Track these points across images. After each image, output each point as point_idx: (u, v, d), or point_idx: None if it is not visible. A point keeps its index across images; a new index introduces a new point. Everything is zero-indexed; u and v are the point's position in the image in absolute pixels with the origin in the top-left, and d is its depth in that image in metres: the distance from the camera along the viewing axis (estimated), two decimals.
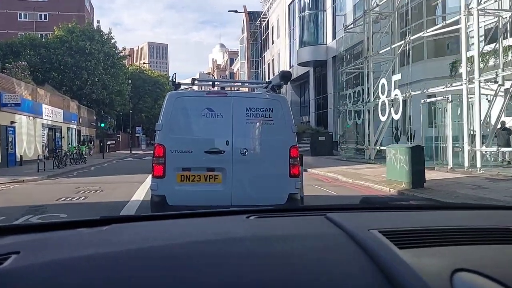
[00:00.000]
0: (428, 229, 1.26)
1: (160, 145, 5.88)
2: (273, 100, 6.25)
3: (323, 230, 1.27)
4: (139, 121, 72.55)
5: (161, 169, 5.85)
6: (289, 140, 6.10)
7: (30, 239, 1.26)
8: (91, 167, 25.30)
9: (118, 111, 54.29)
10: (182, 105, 6.07)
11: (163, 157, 5.84)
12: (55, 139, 33.05)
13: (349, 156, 24.46)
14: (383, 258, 0.97)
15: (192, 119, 6.11)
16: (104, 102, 48.31)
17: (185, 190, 5.88)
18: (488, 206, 2.39)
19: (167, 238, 1.24)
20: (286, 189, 6.02)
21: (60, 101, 34.97)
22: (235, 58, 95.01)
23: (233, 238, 1.22)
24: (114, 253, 1.09)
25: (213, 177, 5.92)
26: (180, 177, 5.89)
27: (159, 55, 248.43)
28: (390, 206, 1.94)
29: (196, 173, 5.91)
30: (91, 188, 13.39)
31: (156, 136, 6.06)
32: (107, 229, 1.34)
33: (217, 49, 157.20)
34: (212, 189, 5.90)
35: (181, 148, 5.91)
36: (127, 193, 11.53)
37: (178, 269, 0.99)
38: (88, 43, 45.23)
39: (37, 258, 1.06)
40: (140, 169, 21.01)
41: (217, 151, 5.89)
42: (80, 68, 45.04)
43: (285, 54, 48.50)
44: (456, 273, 0.90)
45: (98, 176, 18.06)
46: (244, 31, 69.22)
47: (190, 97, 6.42)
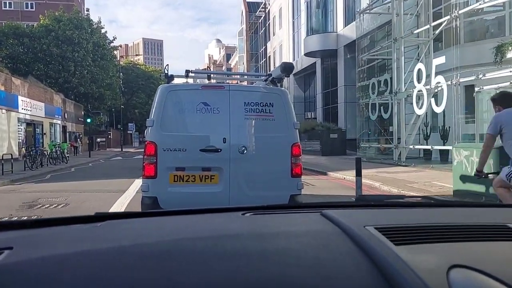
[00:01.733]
0: (424, 226, 1.25)
1: (151, 143, 5.52)
2: (274, 94, 5.90)
3: (319, 227, 1.27)
4: (132, 117, 69.33)
5: (152, 169, 5.50)
6: (291, 137, 5.79)
7: (23, 235, 1.25)
8: (72, 168, 21.91)
9: (109, 106, 50.58)
10: (175, 99, 5.70)
11: (154, 155, 5.49)
12: (35, 136, 29.53)
13: (370, 156, 21.12)
14: (379, 255, 0.97)
15: (186, 114, 5.73)
16: (93, 96, 44.78)
17: (179, 192, 5.54)
18: (483, 204, 2.11)
19: (162, 235, 1.23)
20: (288, 189, 5.71)
21: (41, 93, 31.32)
22: (232, 53, 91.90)
23: (228, 235, 1.21)
24: (108, 249, 1.08)
25: (209, 178, 5.62)
26: (173, 178, 5.56)
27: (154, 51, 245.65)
28: (386, 203, 1.91)
29: (190, 173, 5.60)
30: (54, 201, 10.00)
31: (147, 133, 5.73)
32: (101, 225, 1.32)
33: (213, 44, 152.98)
34: (208, 190, 5.60)
35: (174, 146, 5.58)
36: (98, 209, 8.14)
37: (172, 265, 0.98)
38: (76, 33, 41.80)
39: (30, 253, 1.04)
40: (126, 171, 18.06)
41: (213, 149, 5.59)
42: (67, 59, 41.65)
43: (288, 46, 45.18)
44: (451, 269, 0.91)
45: (73, 181, 14.67)
46: (243, 22, 65.56)
47: (184, 90, 5.92)
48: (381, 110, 20.11)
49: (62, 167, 21.89)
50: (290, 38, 44.41)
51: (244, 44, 65.03)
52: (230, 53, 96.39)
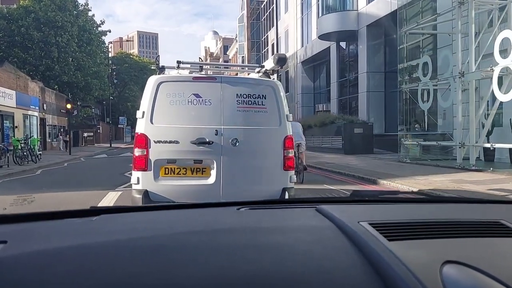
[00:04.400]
0: (418, 222, 1.25)
1: (142, 135, 5.40)
2: (266, 86, 5.76)
3: (313, 222, 1.28)
4: (125, 110, 64.72)
5: (143, 161, 5.37)
6: (283, 130, 5.69)
7: (18, 228, 1.23)
8: (39, 170, 17.43)
9: (96, 97, 45.79)
10: (165, 91, 5.49)
11: (145, 147, 5.38)
12: (3, 130, 24.93)
13: (414, 156, 16.70)
14: (372, 250, 0.98)
15: (177, 106, 5.49)
16: (79, 85, 40.04)
17: (170, 184, 5.44)
18: (477, 200, 1.98)
19: (157, 229, 1.23)
20: (280, 182, 5.63)
21: (11, 79, 26.47)
22: (229, 45, 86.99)
23: (223, 229, 1.21)
24: (103, 243, 1.08)
25: (200, 170, 5.52)
26: (164, 170, 5.45)
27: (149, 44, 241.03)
28: (380, 198, 1.91)
29: (182, 165, 5.49)
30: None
31: (137, 125, 5.53)
32: (96, 219, 1.32)
33: (210, 36, 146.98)
34: (199, 182, 5.50)
35: (165, 138, 5.43)
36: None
37: (167, 259, 0.98)
38: (60, 15, 37.10)
39: (25, 247, 1.04)
40: (104, 176, 14.05)
41: (205, 141, 5.46)
42: (49, 44, 36.98)
43: (295, 31, 40.70)
44: (444, 265, 0.91)
45: (23, 194, 10.16)
46: (244, 7, 60.74)
47: (175, 82, 5.71)
48: (436, 97, 15.65)
49: (26, 168, 17.38)
50: (298, 22, 39.91)
51: (245, 31, 60.19)
52: (227, 45, 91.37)
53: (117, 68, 68.74)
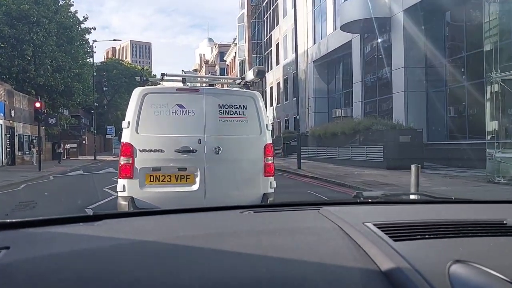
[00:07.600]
0: (423, 222, 1.24)
1: (128, 144, 5.52)
2: (247, 97, 6.00)
3: (317, 224, 1.26)
4: (114, 120, 59.41)
5: (128, 169, 5.51)
6: (264, 138, 5.91)
7: (21, 234, 1.22)
8: None
9: (79, 104, 40.36)
10: (150, 102, 5.65)
11: (130, 156, 5.50)
12: None
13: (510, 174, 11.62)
14: (378, 251, 0.97)
15: (162, 116, 5.66)
16: (57, 89, 34.76)
17: (155, 191, 5.57)
18: (480, 200, 1.96)
19: (160, 233, 1.22)
20: (261, 188, 5.85)
21: None
22: (225, 51, 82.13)
23: (227, 233, 1.20)
24: (106, 248, 1.07)
25: (184, 177, 5.67)
26: (149, 178, 5.59)
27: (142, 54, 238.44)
28: (384, 200, 1.87)
29: (166, 173, 5.63)
30: None
31: (123, 135, 5.63)
32: (99, 224, 1.31)
33: (204, 43, 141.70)
34: (184, 189, 5.64)
35: (150, 147, 5.58)
36: None
37: (171, 263, 0.98)
38: (35, 8, 32.03)
39: (28, 253, 1.03)
40: (68, 204, 8.77)
41: (189, 150, 5.62)
42: (23, 42, 31.84)
43: (304, 28, 35.72)
44: (452, 265, 0.90)
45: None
46: (244, 6, 55.84)
47: (159, 93, 5.90)
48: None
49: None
50: (309, 16, 35.03)
51: (245, 31, 55.21)
52: (224, 51, 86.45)
53: (107, 74, 63.75)
